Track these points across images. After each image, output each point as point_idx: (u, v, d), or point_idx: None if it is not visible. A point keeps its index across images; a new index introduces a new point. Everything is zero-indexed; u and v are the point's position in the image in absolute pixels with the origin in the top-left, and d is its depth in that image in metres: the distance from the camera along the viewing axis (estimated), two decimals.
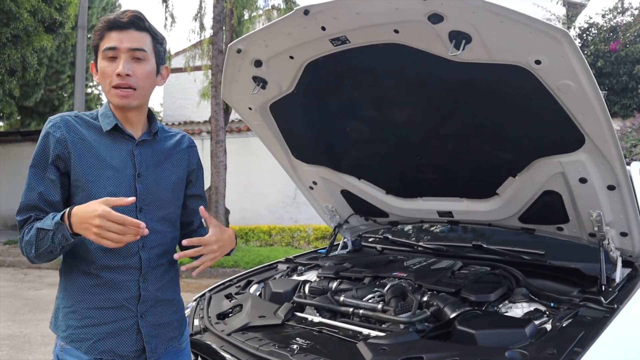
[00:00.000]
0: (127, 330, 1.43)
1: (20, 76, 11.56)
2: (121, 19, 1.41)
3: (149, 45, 1.45)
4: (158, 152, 1.54)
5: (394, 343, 1.63)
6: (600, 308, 1.73)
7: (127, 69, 1.40)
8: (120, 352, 1.42)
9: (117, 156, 1.45)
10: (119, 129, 1.47)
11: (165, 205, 1.53)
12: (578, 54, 1.50)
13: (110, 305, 1.42)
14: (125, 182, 1.44)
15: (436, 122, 2.10)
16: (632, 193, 1.88)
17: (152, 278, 1.48)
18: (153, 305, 1.48)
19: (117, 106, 1.45)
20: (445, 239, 3.02)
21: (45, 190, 1.39)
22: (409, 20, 1.64)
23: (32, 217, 1.38)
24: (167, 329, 1.53)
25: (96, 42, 1.44)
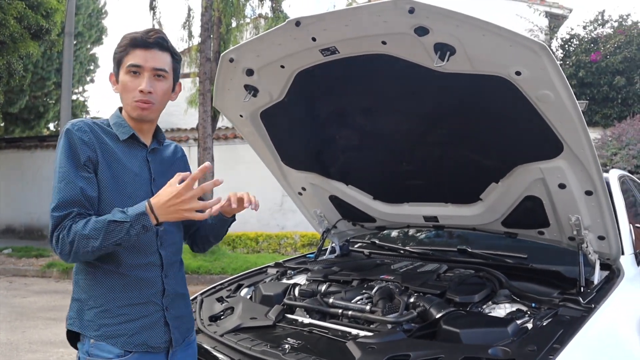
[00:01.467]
0: (157, 323, 1.53)
1: (5, 83, 11.48)
2: (147, 38, 1.52)
3: (169, 65, 1.58)
4: (164, 159, 1.68)
5: (382, 342, 1.69)
6: (579, 308, 1.81)
7: (150, 87, 1.52)
8: (153, 344, 1.52)
9: (134, 162, 1.57)
10: (135, 138, 1.58)
11: None
12: (556, 66, 1.58)
13: (140, 301, 1.51)
14: (144, 186, 1.56)
15: (422, 130, 2.18)
16: (608, 198, 1.97)
17: (171, 274, 1.60)
18: (173, 299, 1.60)
19: (135, 118, 1.56)
20: (432, 243, 3.11)
21: (84, 186, 1.44)
22: (396, 32, 1.71)
23: (75, 212, 1.41)
24: (185, 320, 1.65)
25: (120, 57, 1.54)
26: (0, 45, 10.22)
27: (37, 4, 10.90)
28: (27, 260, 9.95)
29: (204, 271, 8.11)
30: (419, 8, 1.58)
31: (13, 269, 9.38)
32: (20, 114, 16.38)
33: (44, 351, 4.59)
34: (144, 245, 1.52)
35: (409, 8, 1.59)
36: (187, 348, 1.66)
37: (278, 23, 8.73)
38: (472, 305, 1.98)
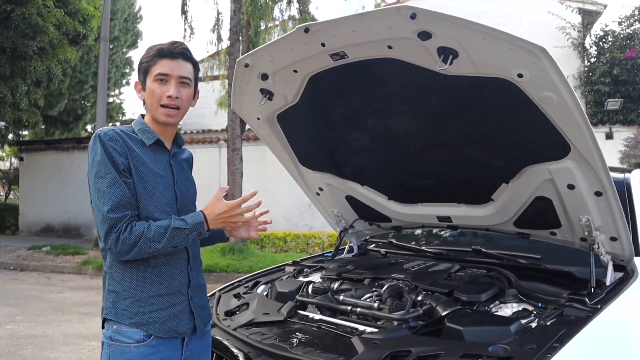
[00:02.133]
0: (183, 311, 1.68)
1: (45, 87, 11.97)
2: (174, 50, 1.68)
3: (192, 73, 1.73)
4: (182, 162, 1.82)
5: (385, 338, 1.74)
6: (584, 308, 1.82)
7: (177, 93, 1.67)
8: (181, 330, 1.66)
9: (159, 165, 1.70)
10: (159, 143, 1.71)
11: (191, 207, 1.81)
12: (556, 68, 1.60)
13: (169, 292, 1.66)
14: (169, 187, 1.70)
15: (431, 131, 2.21)
16: (618, 199, 1.96)
17: (195, 267, 1.75)
18: (197, 289, 1.75)
19: (161, 122, 1.70)
20: (447, 243, 3.12)
21: (129, 190, 1.59)
22: (401, 37, 1.76)
23: (129, 214, 1.57)
24: (206, 309, 1.80)
25: (147, 66, 1.68)
26: (41, 51, 10.67)
27: (74, 11, 11.33)
28: (64, 257, 10.36)
29: (232, 269, 8.27)
30: (421, 14, 1.62)
31: (51, 265, 9.79)
32: (59, 117, 17.02)
33: (76, 344, 4.80)
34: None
35: (410, 14, 1.64)
36: (202, 337, 1.77)
37: None
38: (479, 304, 2.01)
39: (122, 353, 1.59)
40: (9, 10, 9.78)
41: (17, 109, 11.61)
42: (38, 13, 9.97)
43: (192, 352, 1.72)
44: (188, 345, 1.70)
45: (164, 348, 1.63)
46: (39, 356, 4.45)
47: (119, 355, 1.59)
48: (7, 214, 16.30)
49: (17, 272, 9.52)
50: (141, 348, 1.59)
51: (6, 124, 13.94)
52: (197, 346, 1.74)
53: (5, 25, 9.90)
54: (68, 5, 11.16)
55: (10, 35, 9.95)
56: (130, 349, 1.59)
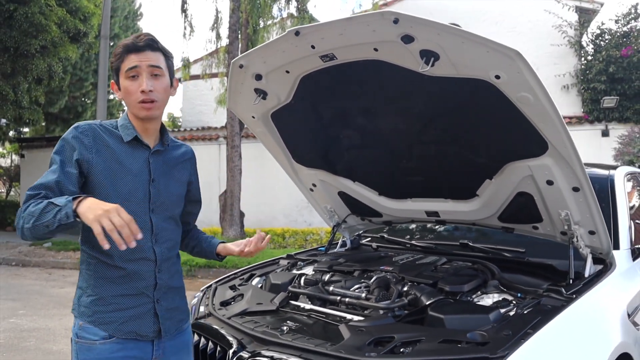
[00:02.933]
0: (147, 313, 1.64)
1: (46, 84, 12.05)
2: (138, 42, 1.61)
3: (163, 63, 1.66)
4: (168, 160, 1.75)
5: (371, 325, 1.85)
6: (560, 298, 1.92)
7: (149, 86, 1.60)
8: (142, 333, 1.63)
9: (135, 163, 1.65)
10: (138, 140, 1.67)
11: (172, 207, 1.74)
12: (531, 70, 1.70)
13: (133, 292, 1.62)
14: (142, 186, 1.64)
15: (418, 129, 2.31)
16: (594, 194, 2.06)
17: (164, 268, 1.69)
18: (166, 292, 1.70)
19: (142, 118, 1.65)
20: (437, 237, 3.22)
21: (64, 180, 1.54)
22: (385, 40, 1.86)
23: (42, 194, 1.49)
24: (177, 312, 1.75)
25: (117, 65, 1.63)
26: (42, 49, 10.76)
27: (75, 9, 11.41)
28: (65, 253, 10.46)
29: (231, 265, 8.37)
30: (403, 19, 1.72)
31: (52, 261, 9.89)
32: (60, 114, 17.09)
33: None
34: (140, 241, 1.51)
35: (393, 19, 1.73)
36: (178, 336, 1.75)
37: (304, 23, 8.91)
38: (462, 295, 2.11)
39: (89, 350, 1.58)
40: (12, 9, 9.87)
41: (19, 106, 11.70)
42: (40, 12, 10.07)
43: (165, 351, 1.69)
44: (160, 345, 1.68)
45: (131, 346, 1.61)
46: (41, 348, 4.56)
47: (86, 352, 1.58)
48: (9, 210, 16.39)
49: (19, 268, 9.63)
50: (107, 345, 1.57)
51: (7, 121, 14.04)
52: (172, 345, 1.72)
53: (9, 25, 10.00)
54: (69, 3, 11.25)
55: (13, 34, 10.04)
56: (95, 346, 1.57)
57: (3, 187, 22.12)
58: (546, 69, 10.95)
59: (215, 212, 10.44)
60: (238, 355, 1.83)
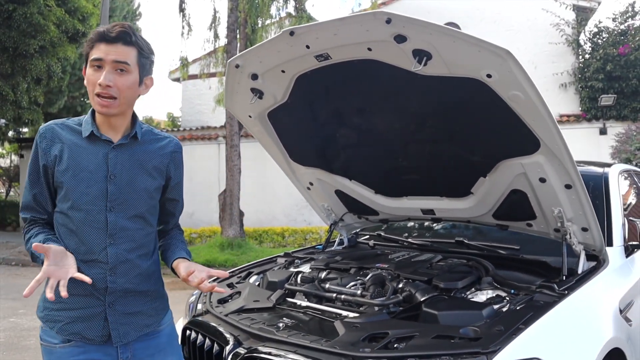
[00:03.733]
0: (95, 317, 1.55)
1: (45, 84, 12.06)
2: (110, 33, 1.51)
3: (134, 58, 1.55)
4: (136, 154, 1.63)
5: (365, 321, 1.87)
6: (552, 294, 1.95)
7: (108, 80, 1.50)
8: (88, 336, 1.54)
9: (93, 159, 1.56)
10: (94, 135, 1.58)
11: (137, 204, 1.61)
12: (521, 69, 1.72)
13: (81, 293, 1.53)
14: (98, 183, 1.55)
15: (412, 128, 2.33)
16: (586, 192, 2.09)
17: (121, 271, 1.57)
18: (122, 295, 1.58)
19: (99, 113, 1.58)
20: (433, 235, 3.25)
21: (38, 193, 1.59)
22: (378, 40, 1.88)
23: (29, 217, 1.61)
24: (140, 317, 1.62)
25: (87, 51, 1.56)
26: (41, 49, 10.77)
27: (74, 9, 11.43)
28: None
29: (231, 264, 8.40)
30: (395, 19, 1.74)
31: None
32: (59, 114, 17.06)
33: None
34: (91, 242, 1.55)
35: (386, 19, 1.76)
36: (150, 339, 1.66)
37: (302, 23, 8.94)
38: (456, 291, 2.14)
39: (50, 353, 1.55)
40: (11, 9, 9.89)
41: (19, 106, 11.72)
42: (39, 12, 10.08)
43: (135, 353, 1.61)
44: (126, 348, 1.59)
45: (93, 349, 1.54)
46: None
47: (49, 355, 1.56)
48: (8, 210, 16.42)
49: (18, 268, 9.66)
50: (67, 349, 1.53)
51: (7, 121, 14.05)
52: (143, 347, 1.63)
53: (8, 25, 10.02)
54: (68, 3, 11.26)
55: (12, 34, 10.06)
56: (56, 349, 1.54)
57: (3, 187, 22.14)
58: (544, 68, 10.98)
59: (214, 211, 10.46)
60: (235, 351, 1.86)
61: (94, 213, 1.54)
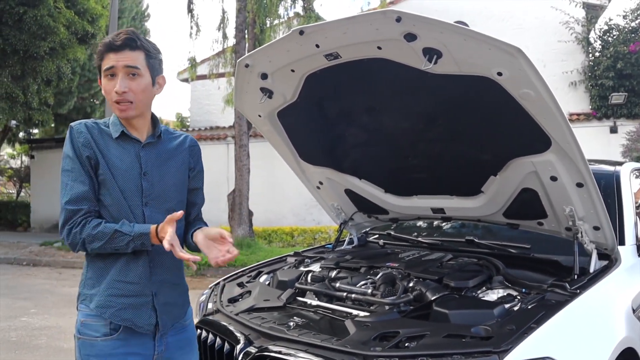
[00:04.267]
0: (145, 305, 1.64)
1: (55, 85, 12.16)
2: (116, 41, 1.59)
3: (143, 62, 1.62)
4: (162, 152, 1.73)
5: (376, 321, 1.87)
6: (564, 293, 1.94)
7: (124, 87, 1.59)
8: (138, 323, 1.62)
9: (126, 158, 1.65)
10: (127, 135, 1.67)
11: (168, 199, 1.71)
12: (532, 67, 1.71)
13: (133, 280, 1.63)
14: (134, 180, 1.64)
15: (421, 127, 2.33)
16: (597, 190, 2.07)
17: (159, 263, 1.68)
18: (161, 286, 1.69)
19: (120, 118, 1.67)
20: (443, 234, 3.24)
21: (90, 184, 1.61)
22: (388, 38, 1.88)
23: (85, 209, 1.59)
24: (174, 308, 1.73)
25: (98, 63, 1.65)
26: (51, 51, 10.86)
27: (83, 11, 11.51)
28: (75, 253, 10.54)
29: (240, 264, 8.41)
30: (405, 17, 1.74)
31: (62, 261, 10.00)
32: (69, 115, 17.21)
33: None
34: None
35: (396, 17, 1.75)
36: (180, 332, 1.74)
37: (310, 22, 8.94)
38: (467, 290, 2.13)
39: (91, 346, 1.60)
40: (22, 12, 9.98)
41: (29, 108, 11.82)
42: (49, 14, 10.17)
43: (168, 346, 1.70)
44: (162, 340, 1.68)
45: (134, 342, 1.62)
46: (52, 346, 4.62)
47: (89, 348, 1.60)
48: (19, 211, 16.57)
49: (30, 267, 9.75)
50: (109, 342, 1.59)
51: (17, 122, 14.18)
52: (175, 341, 1.72)
53: (18, 27, 10.11)
54: (77, 5, 11.34)
55: (23, 36, 10.15)
56: (97, 342, 1.59)
57: (13, 188, 22.33)
58: (553, 66, 10.91)
59: (224, 211, 10.48)
60: (245, 350, 1.87)
61: (132, 208, 1.63)
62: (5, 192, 22.75)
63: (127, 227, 1.57)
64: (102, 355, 1.59)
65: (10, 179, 22.29)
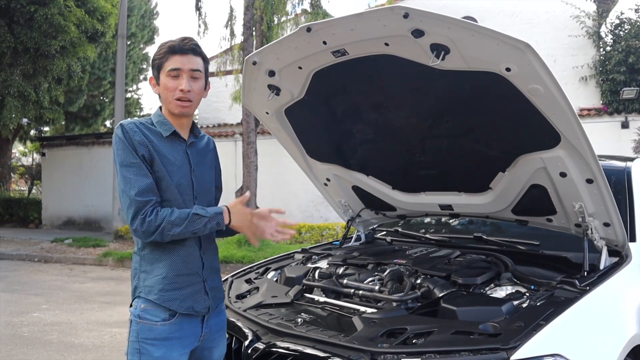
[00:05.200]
0: (200, 291, 1.79)
1: (65, 84, 12.26)
2: (184, 46, 1.76)
3: (202, 66, 1.81)
4: (200, 151, 1.89)
5: (383, 317, 1.87)
6: (574, 290, 1.92)
7: (189, 86, 1.75)
8: (197, 309, 1.77)
9: (177, 155, 1.79)
10: (176, 134, 1.80)
11: (209, 193, 1.90)
12: (541, 62, 1.70)
13: (189, 272, 1.77)
14: (186, 176, 1.79)
15: (429, 123, 2.32)
16: (608, 186, 2.05)
17: (208, 251, 1.84)
18: (210, 272, 1.85)
19: (176, 114, 1.79)
20: (451, 231, 3.22)
21: (150, 177, 1.71)
22: (396, 35, 1.87)
23: (154, 200, 1.69)
24: (218, 291, 1.89)
25: (160, 62, 1.77)
26: (62, 49, 10.95)
27: (93, 9, 11.59)
28: (86, 249, 10.66)
29: (248, 261, 8.45)
30: (413, 13, 1.73)
31: (73, 257, 10.09)
32: (79, 113, 17.38)
33: (99, 330, 5.02)
34: None
35: (403, 13, 1.75)
36: (218, 315, 1.90)
37: (317, 19, 8.92)
38: (475, 287, 2.12)
39: (150, 330, 1.72)
40: (33, 11, 10.06)
41: (40, 106, 11.93)
42: (59, 13, 10.24)
43: (211, 328, 1.84)
44: (207, 322, 1.82)
45: (187, 325, 1.76)
46: (63, 341, 4.67)
47: (147, 332, 1.72)
48: (31, 208, 16.74)
49: (41, 264, 9.85)
50: (167, 326, 1.72)
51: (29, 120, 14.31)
52: (215, 323, 1.87)
53: (29, 26, 10.20)
54: (87, 4, 11.41)
55: (34, 35, 10.23)
56: (157, 327, 1.71)
57: (25, 185, 22.56)
58: (564, 61, 10.81)
59: None
60: (253, 346, 1.88)
61: (186, 202, 1.76)
62: (17, 190, 22.97)
63: (201, 210, 1.71)
64: (160, 339, 1.71)
65: (22, 177, 22.52)
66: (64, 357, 4.30)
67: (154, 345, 1.70)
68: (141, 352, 1.71)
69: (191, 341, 1.77)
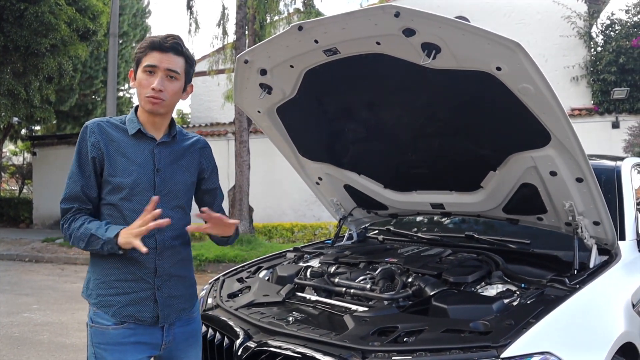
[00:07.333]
0: (146, 299, 1.70)
1: (56, 82, 12.17)
2: (164, 42, 1.69)
3: (182, 67, 1.73)
4: (175, 151, 1.81)
5: (375, 316, 1.88)
6: (564, 288, 1.93)
7: (161, 86, 1.68)
8: (140, 318, 1.69)
9: (140, 154, 1.72)
10: (141, 132, 1.74)
11: (178, 196, 1.79)
12: (531, 61, 1.71)
13: (132, 278, 1.69)
14: (146, 176, 1.71)
15: (421, 122, 2.32)
16: (597, 185, 2.07)
17: (167, 256, 1.74)
18: (167, 279, 1.74)
19: (147, 111, 1.73)
20: (443, 230, 3.23)
21: (85, 185, 1.69)
22: (387, 34, 1.87)
23: (75, 207, 1.69)
24: (179, 300, 1.78)
25: (139, 57, 1.72)
26: (53, 48, 10.86)
27: (84, 8, 11.50)
28: (77, 249, 10.57)
29: (241, 259, 8.43)
30: (404, 12, 1.74)
31: (64, 257, 10.03)
32: (70, 112, 17.23)
33: None
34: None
35: (394, 12, 1.75)
36: (186, 324, 1.81)
37: (310, 18, 8.92)
38: (466, 285, 2.13)
39: (102, 334, 1.67)
40: (23, 8, 9.97)
41: (31, 105, 11.83)
42: (50, 11, 10.16)
43: (175, 337, 1.76)
44: (170, 331, 1.74)
45: (142, 331, 1.69)
46: (54, 342, 4.64)
47: (100, 336, 1.67)
48: (22, 207, 16.62)
49: (32, 264, 9.78)
50: (119, 330, 1.66)
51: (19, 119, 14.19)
52: (181, 332, 1.79)
53: (19, 24, 10.11)
54: (78, 2, 11.34)
55: (24, 33, 10.15)
56: (108, 331, 1.66)
57: (16, 185, 22.39)
58: (555, 61, 10.87)
59: (224, 207, 10.50)
60: (245, 345, 1.87)
61: (144, 203, 1.65)
62: (7, 189, 22.80)
63: (101, 230, 1.63)
64: (112, 344, 1.66)
65: (13, 176, 22.34)
66: (55, 357, 4.27)
67: (106, 350, 1.66)
68: (96, 356, 1.68)
69: (149, 348, 1.71)
